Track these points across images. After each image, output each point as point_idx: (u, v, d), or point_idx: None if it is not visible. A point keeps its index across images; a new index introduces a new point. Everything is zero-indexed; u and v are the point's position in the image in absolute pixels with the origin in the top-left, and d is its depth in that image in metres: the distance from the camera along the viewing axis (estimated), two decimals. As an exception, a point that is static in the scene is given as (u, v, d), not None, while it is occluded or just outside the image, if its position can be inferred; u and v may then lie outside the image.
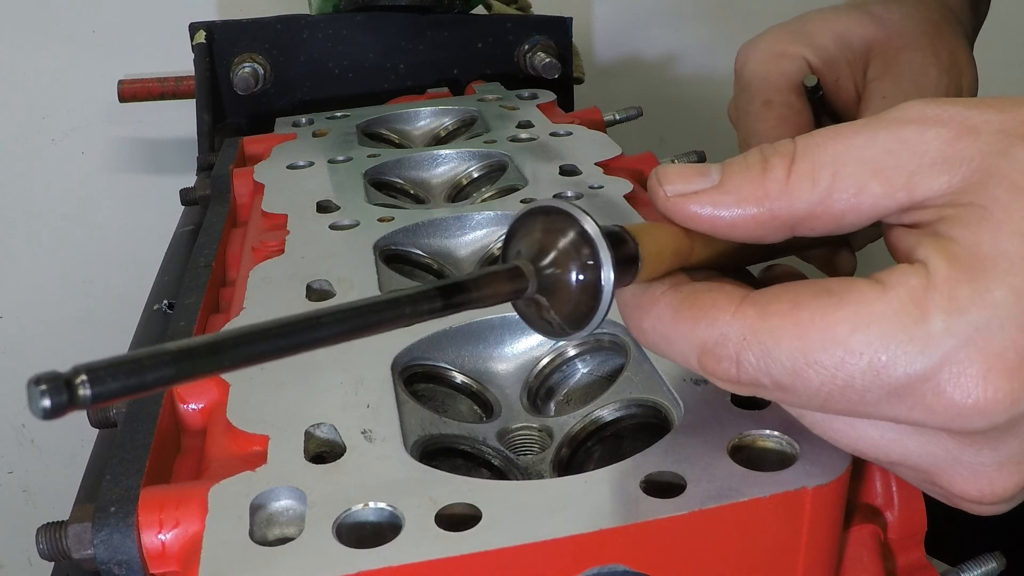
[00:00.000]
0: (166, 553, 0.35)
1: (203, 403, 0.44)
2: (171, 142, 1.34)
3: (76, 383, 0.20)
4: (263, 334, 0.24)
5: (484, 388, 0.46)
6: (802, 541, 0.34)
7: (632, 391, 0.42)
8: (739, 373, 0.31)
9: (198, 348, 0.22)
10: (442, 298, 0.28)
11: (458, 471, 0.37)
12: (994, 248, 0.29)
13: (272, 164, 0.73)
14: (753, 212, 0.33)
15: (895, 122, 0.32)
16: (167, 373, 0.21)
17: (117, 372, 0.21)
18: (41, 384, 0.20)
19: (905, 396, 0.29)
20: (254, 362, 0.23)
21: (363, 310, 0.26)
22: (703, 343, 0.31)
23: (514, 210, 0.61)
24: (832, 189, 0.32)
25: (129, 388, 0.21)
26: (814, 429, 0.33)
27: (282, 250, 0.56)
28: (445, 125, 0.85)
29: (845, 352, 0.29)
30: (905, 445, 0.32)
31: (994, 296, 0.28)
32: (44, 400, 0.20)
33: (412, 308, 0.27)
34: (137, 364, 0.21)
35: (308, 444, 0.38)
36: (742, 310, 0.31)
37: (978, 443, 0.30)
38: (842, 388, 0.29)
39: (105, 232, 1.36)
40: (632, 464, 0.35)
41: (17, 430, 1.44)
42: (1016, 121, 0.31)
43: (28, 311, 1.38)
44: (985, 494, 0.31)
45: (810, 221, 0.32)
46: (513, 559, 0.31)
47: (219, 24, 0.94)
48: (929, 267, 0.29)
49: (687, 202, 0.33)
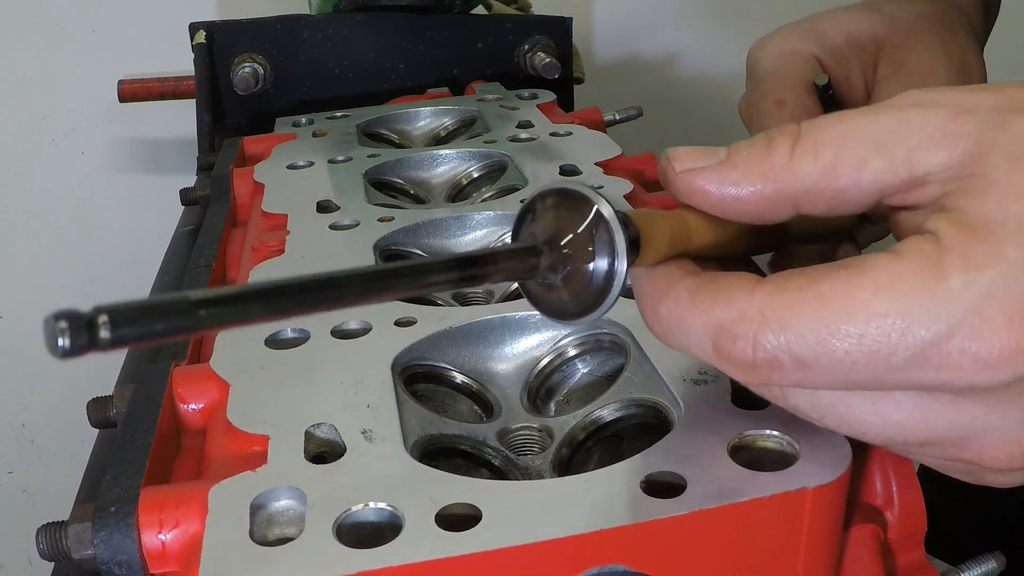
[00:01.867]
0: (166, 553, 0.35)
1: (203, 403, 0.44)
2: (171, 142, 1.34)
3: (98, 323, 0.20)
4: (286, 289, 0.24)
5: (484, 388, 0.46)
6: (802, 541, 0.34)
7: (632, 391, 0.42)
8: (755, 353, 0.30)
9: (221, 298, 0.22)
10: (460, 269, 0.29)
11: (458, 471, 0.37)
12: (1001, 212, 0.29)
13: (272, 164, 0.73)
14: (758, 187, 0.33)
15: (895, 106, 0.33)
16: (188, 321, 0.21)
17: (138, 316, 0.20)
18: (61, 321, 0.19)
19: (931, 356, 0.29)
20: (274, 317, 0.24)
21: (384, 274, 0.27)
22: (720, 323, 0.31)
23: (514, 210, 0.61)
24: (835, 164, 0.32)
25: (149, 333, 0.20)
26: (838, 423, 0.33)
27: (282, 250, 0.56)
28: (445, 125, 0.85)
29: (869, 315, 0.29)
30: (932, 422, 0.31)
31: (1007, 253, 0.29)
32: (63, 339, 0.19)
33: (432, 276, 0.28)
34: (159, 309, 0.21)
35: (308, 444, 0.38)
36: (760, 288, 0.31)
37: (1004, 403, 0.30)
38: (868, 354, 0.29)
39: (105, 232, 1.36)
40: (632, 464, 0.35)
41: (17, 430, 1.44)
42: (1010, 99, 0.32)
43: (28, 311, 1.38)
44: (1016, 456, 0.32)
45: (812, 196, 0.33)
46: (513, 559, 0.31)
47: (219, 24, 0.94)
48: (940, 235, 0.30)
49: (695, 176, 0.34)
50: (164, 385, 0.44)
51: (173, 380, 0.44)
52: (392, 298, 0.27)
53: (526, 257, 0.31)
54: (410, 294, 0.28)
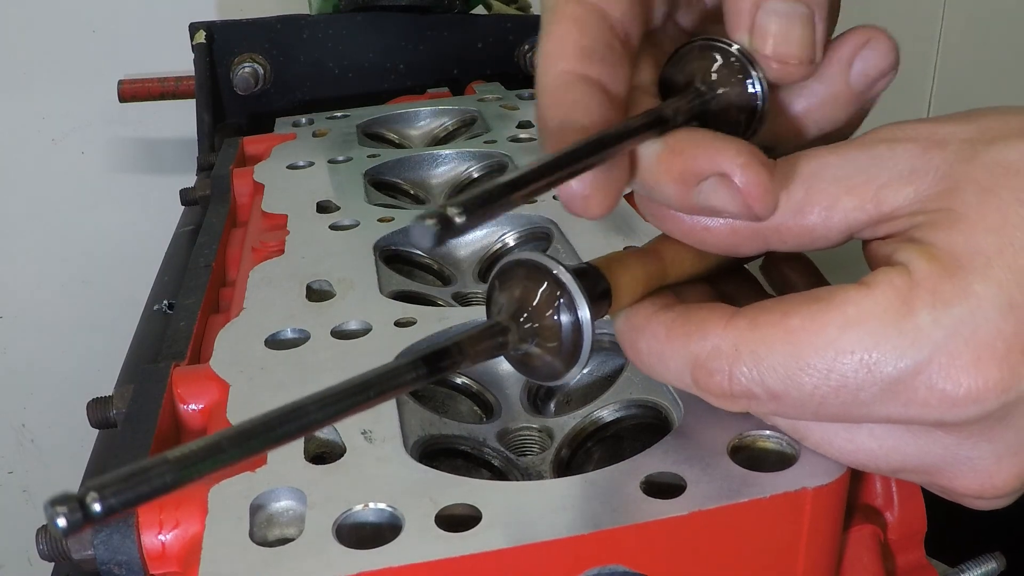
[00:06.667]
0: (166, 554, 0.35)
1: (203, 403, 0.44)
2: (171, 142, 1.34)
3: (87, 501, 0.21)
4: (255, 430, 0.25)
5: (484, 389, 0.46)
6: (802, 541, 0.34)
7: (632, 391, 0.42)
8: (731, 385, 0.31)
9: (196, 452, 0.24)
10: (427, 365, 0.29)
11: (458, 472, 0.37)
12: (969, 246, 0.29)
13: (272, 164, 0.73)
14: (729, 220, 0.33)
15: (868, 143, 0.33)
16: (169, 480, 0.23)
17: (123, 486, 0.22)
18: (57, 506, 0.21)
19: (899, 392, 0.29)
20: (251, 456, 0.25)
21: (350, 391, 0.27)
22: (696, 357, 0.32)
23: (514, 210, 0.61)
24: (805, 202, 0.33)
25: (135, 499, 0.22)
26: (815, 447, 0.34)
27: (282, 250, 0.56)
28: (445, 125, 0.85)
29: (836, 352, 0.29)
30: (903, 451, 0.32)
31: (976, 289, 0.29)
32: (61, 520, 0.21)
33: (400, 379, 0.28)
34: (141, 475, 0.22)
35: (308, 444, 0.38)
36: (733, 322, 0.31)
37: (974, 436, 0.31)
38: (836, 389, 0.30)
39: (105, 232, 1.36)
40: (632, 464, 0.35)
41: (17, 430, 1.44)
42: (981, 130, 0.32)
43: (28, 311, 1.38)
44: (986, 488, 0.32)
45: (782, 233, 0.33)
46: (513, 559, 0.31)
47: (219, 24, 0.94)
48: (910, 267, 0.30)
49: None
50: (164, 385, 0.44)
51: (173, 380, 0.44)
52: (365, 409, 0.27)
53: (493, 337, 0.32)
54: (382, 402, 0.28)
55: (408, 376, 0.28)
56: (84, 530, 0.22)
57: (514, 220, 0.61)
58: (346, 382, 0.27)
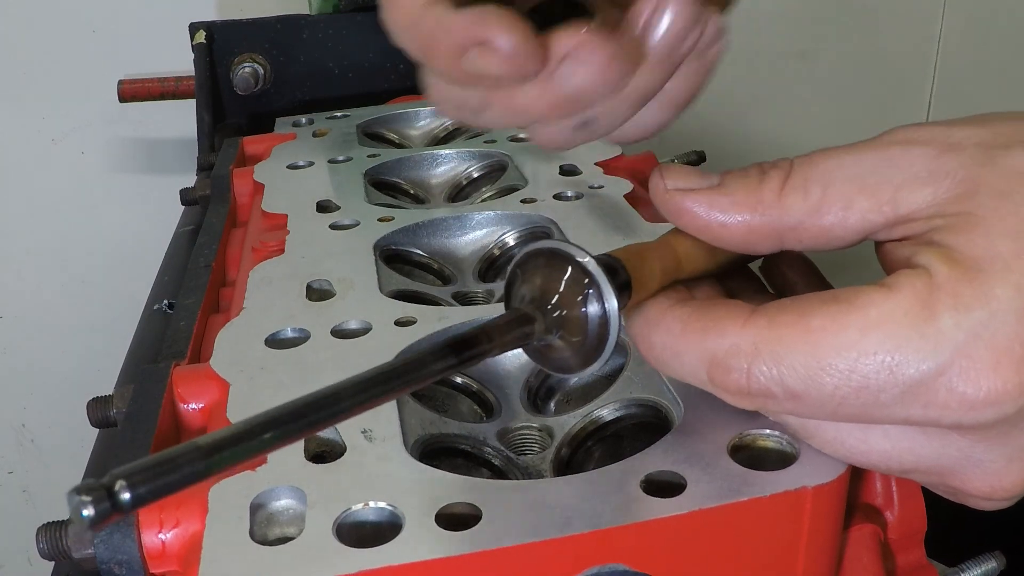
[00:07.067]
0: (166, 553, 0.35)
1: (203, 403, 0.44)
2: (171, 142, 1.34)
3: (115, 489, 0.20)
4: (288, 416, 0.25)
5: (484, 388, 0.46)
6: (802, 541, 0.34)
7: (632, 391, 0.42)
8: (749, 383, 0.31)
9: (228, 438, 0.23)
10: (456, 354, 0.29)
11: (458, 471, 0.37)
12: (988, 250, 0.30)
13: (272, 164, 0.73)
14: (746, 217, 0.34)
15: (883, 144, 0.33)
16: (201, 468, 0.22)
17: (152, 474, 0.21)
18: (83, 495, 0.20)
19: (919, 394, 0.29)
20: (283, 444, 0.24)
21: (383, 377, 0.27)
22: (713, 354, 0.32)
23: (514, 210, 0.61)
24: (822, 202, 0.33)
25: (165, 488, 0.21)
26: (826, 446, 0.34)
27: (282, 250, 0.56)
28: (445, 125, 0.85)
29: (858, 353, 0.29)
30: (917, 452, 0.32)
31: (996, 293, 0.29)
32: (87, 510, 0.20)
33: (429, 367, 0.28)
34: (171, 462, 0.21)
35: (308, 443, 0.38)
36: (752, 320, 0.31)
37: (989, 439, 0.31)
38: (857, 390, 0.30)
39: (105, 232, 1.36)
40: (632, 464, 0.35)
41: (17, 430, 1.44)
42: (994, 135, 0.32)
43: (28, 311, 1.38)
44: (996, 489, 0.32)
45: (798, 232, 0.34)
46: (513, 559, 0.31)
47: (219, 24, 0.94)
48: (931, 270, 0.30)
49: (684, 197, 0.34)
50: (164, 385, 0.44)
51: (173, 380, 0.44)
52: (397, 397, 0.27)
53: (520, 326, 0.31)
54: (413, 389, 0.28)
55: (437, 364, 0.28)
56: (110, 521, 0.20)
57: (514, 220, 0.61)
58: (374, 369, 0.27)
